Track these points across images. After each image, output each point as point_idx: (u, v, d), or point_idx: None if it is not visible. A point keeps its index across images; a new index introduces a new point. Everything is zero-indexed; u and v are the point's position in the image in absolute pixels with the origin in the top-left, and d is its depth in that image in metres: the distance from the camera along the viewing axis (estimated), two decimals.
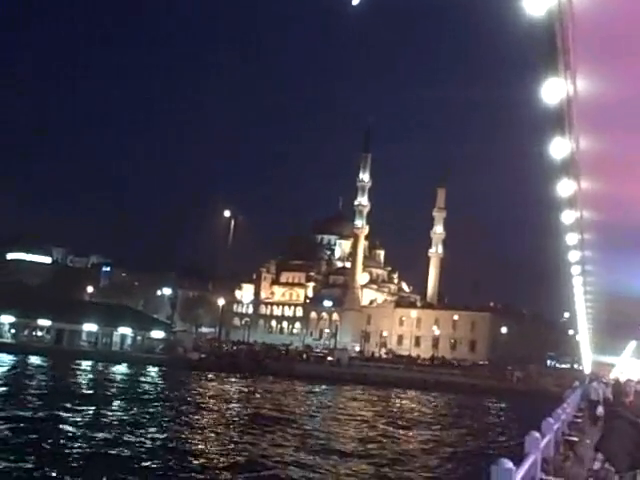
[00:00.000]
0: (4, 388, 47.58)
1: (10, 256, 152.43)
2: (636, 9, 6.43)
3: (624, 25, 6.64)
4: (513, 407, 66.01)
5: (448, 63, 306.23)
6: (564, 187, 10.93)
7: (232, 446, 31.04)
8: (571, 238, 14.93)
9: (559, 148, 9.25)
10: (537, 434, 9.92)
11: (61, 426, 32.74)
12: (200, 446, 30.69)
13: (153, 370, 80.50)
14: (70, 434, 30.83)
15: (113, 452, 27.33)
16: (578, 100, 8.01)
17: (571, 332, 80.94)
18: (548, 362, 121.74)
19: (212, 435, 34.19)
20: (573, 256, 17.32)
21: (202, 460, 27.19)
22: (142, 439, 31.16)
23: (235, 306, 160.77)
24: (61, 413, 37.04)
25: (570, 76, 7.47)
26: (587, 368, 77.52)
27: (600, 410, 23.29)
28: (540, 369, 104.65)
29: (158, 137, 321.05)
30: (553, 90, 7.68)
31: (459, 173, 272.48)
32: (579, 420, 22.75)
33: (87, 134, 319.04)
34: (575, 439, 16.24)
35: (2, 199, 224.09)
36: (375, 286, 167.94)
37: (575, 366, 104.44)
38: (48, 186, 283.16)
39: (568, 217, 12.89)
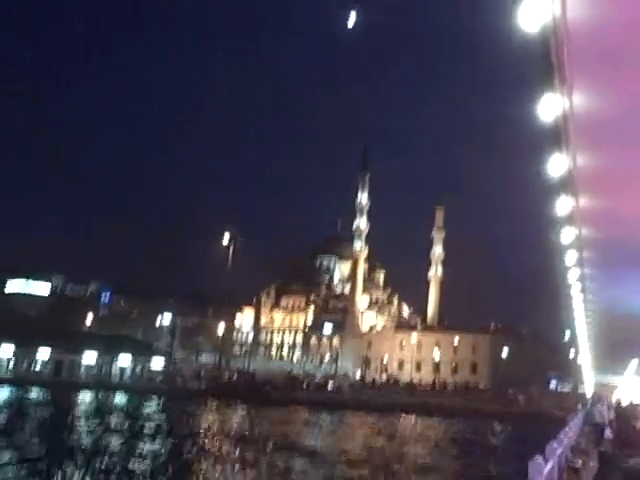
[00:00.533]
0: (3, 422, 47.22)
1: (8, 285, 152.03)
2: (630, 24, 6.43)
3: (619, 40, 6.64)
4: (516, 430, 65.53)
5: (446, 80, 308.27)
6: (562, 204, 10.90)
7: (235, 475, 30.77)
8: (570, 256, 14.88)
9: (557, 165, 9.24)
10: (540, 459, 9.78)
11: (62, 459, 32.47)
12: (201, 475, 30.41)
13: (153, 400, 79.96)
14: (70, 466, 30.55)
15: None
16: (574, 116, 8.00)
17: (572, 353, 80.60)
18: (550, 384, 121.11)
19: (213, 464, 33.87)
20: (573, 274, 17.26)
21: None
22: (143, 469, 30.87)
23: (235, 333, 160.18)
24: (61, 445, 36.76)
25: (566, 92, 7.46)
26: (589, 390, 77.14)
27: (607, 433, 23.03)
28: (542, 391, 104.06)
29: (157, 162, 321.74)
30: (549, 106, 7.68)
31: (458, 191, 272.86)
32: (583, 445, 22.53)
33: (85, 161, 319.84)
34: (579, 464, 16.05)
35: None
36: (375, 309, 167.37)
37: (577, 388, 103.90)
38: (46, 212, 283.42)
39: (567, 235, 12.85)
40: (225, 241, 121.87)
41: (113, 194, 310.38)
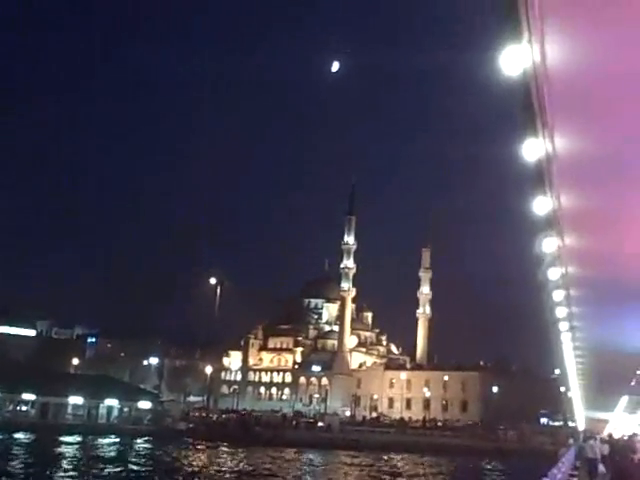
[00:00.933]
0: None
1: None
2: (606, 70, 6.57)
3: (598, 84, 6.78)
4: (508, 468, 65.12)
5: (430, 122, 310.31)
6: (548, 244, 11.01)
7: None
8: (557, 294, 14.97)
9: (541, 205, 9.35)
10: None
11: None
12: None
13: (141, 442, 79.04)
14: None
15: None
16: (557, 158, 8.12)
17: (563, 389, 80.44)
18: (541, 420, 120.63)
19: None
20: (560, 312, 17.34)
21: None
22: None
23: (223, 374, 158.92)
24: None
25: (548, 134, 7.59)
26: (581, 425, 76.88)
27: (601, 468, 22.97)
28: (533, 427, 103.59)
29: (142, 201, 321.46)
30: (532, 149, 7.80)
31: (444, 231, 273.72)
32: (575, 479, 22.45)
33: (71, 204, 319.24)
34: None
35: None
36: (364, 349, 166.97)
37: (568, 423, 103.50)
38: (30, 258, 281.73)
39: (553, 273, 12.94)
40: (212, 283, 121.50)
41: (99, 238, 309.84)
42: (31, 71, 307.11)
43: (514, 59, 6.40)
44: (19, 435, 77.71)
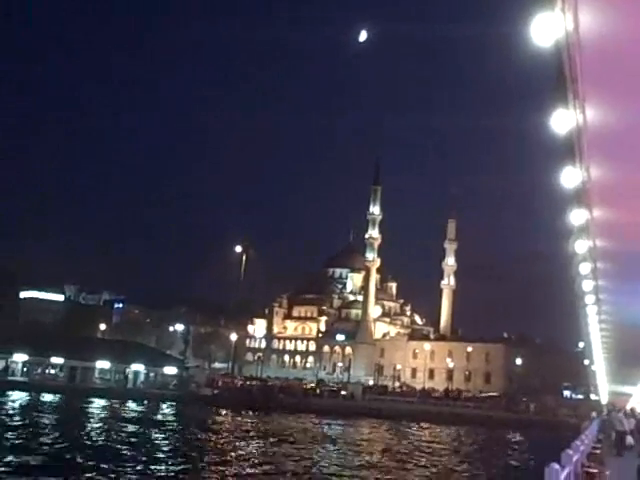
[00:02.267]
0: (20, 425, 47.41)
1: (23, 294, 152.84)
2: None
3: (631, 53, 6.65)
4: (530, 439, 65.18)
5: (459, 94, 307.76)
6: (576, 216, 10.89)
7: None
8: (584, 267, 14.84)
9: (570, 177, 9.24)
10: (557, 466, 9.74)
11: (76, 461, 32.62)
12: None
13: (166, 407, 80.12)
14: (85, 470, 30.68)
15: None
16: (588, 129, 8.00)
17: (586, 362, 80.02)
18: (564, 393, 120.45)
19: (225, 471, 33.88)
20: (586, 285, 17.20)
21: None
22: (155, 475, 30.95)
23: (248, 341, 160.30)
24: (76, 451, 36.94)
25: (579, 105, 7.47)
26: (604, 398, 76.62)
27: (630, 440, 22.94)
28: (556, 400, 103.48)
29: (172, 176, 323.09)
30: (562, 120, 7.69)
31: (471, 203, 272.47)
32: (598, 451, 22.39)
33: (98, 173, 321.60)
34: (595, 471, 15.95)
35: (15, 238, 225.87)
36: (388, 319, 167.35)
37: (591, 396, 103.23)
38: (60, 223, 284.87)
39: (581, 246, 12.83)
40: (238, 251, 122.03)
41: (126, 206, 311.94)
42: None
43: (546, 28, 6.29)
44: (48, 397, 79.06)
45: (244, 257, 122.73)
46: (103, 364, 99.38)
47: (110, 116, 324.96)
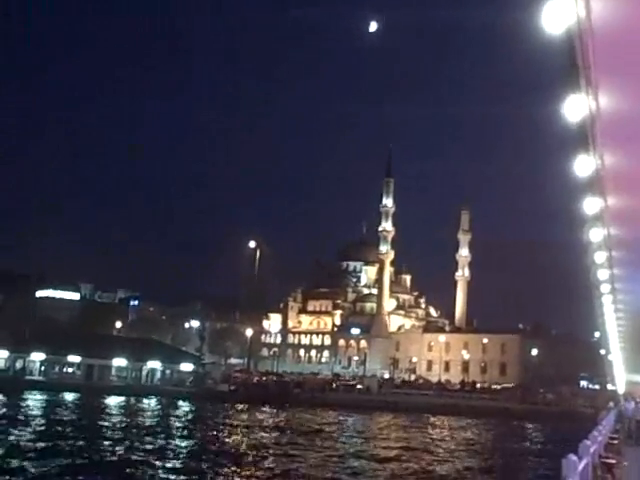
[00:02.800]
0: (41, 426, 47.74)
1: (39, 294, 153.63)
2: None
3: None
4: (547, 430, 65.04)
5: (471, 82, 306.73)
6: (590, 205, 10.82)
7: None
8: (599, 256, 14.75)
9: (584, 165, 9.17)
10: (574, 457, 9.70)
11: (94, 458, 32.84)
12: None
13: (183, 403, 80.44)
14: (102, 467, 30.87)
15: None
16: (601, 116, 7.93)
17: (603, 352, 79.72)
18: (580, 383, 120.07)
19: (244, 465, 33.98)
20: (602, 274, 17.10)
21: None
22: (172, 472, 31.07)
23: (263, 336, 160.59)
24: (95, 447, 37.20)
25: (592, 92, 7.41)
26: (621, 388, 76.27)
27: None
28: (573, 390, 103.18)
29: (185, 172, 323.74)
30: (575, 107, 7.62)
31: (484, 193, 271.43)
32: (615, 442, 22.28)
33: (112, 169, 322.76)
34: (612, 461, 15.89)
35: (30, 238, 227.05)
36: (402, 312, 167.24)
37: (608, 386, 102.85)
38: (74, 222, 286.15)
39: (595, 235, 12.74)
40: (252, 247, 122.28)
41: (141, 204, 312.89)
42: None
43: (558, 14, 6.24)
44: (66, 396, 79.48)
45: (258, 252, 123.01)
46: (120, 362, 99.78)
47: (127, 111, 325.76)
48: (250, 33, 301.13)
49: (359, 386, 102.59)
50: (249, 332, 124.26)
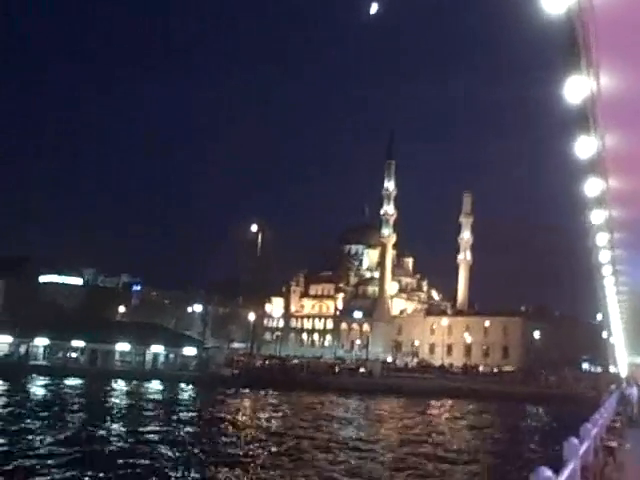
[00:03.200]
0: (46, 410, 47.97)
1: (42, 279, 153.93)
2: None
3: None
4: (549, 413, 65.24)
5: (472, 64, 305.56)
6: (592, 186, 10.78)
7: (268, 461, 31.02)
8: (601, 238, 14.72)
9: (585, 147, 9.12)
10: (576, 440, 9.68)
11: (99, 443, 32.99)
12: (234, 459, 30.67)
13: (186, 387, 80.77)
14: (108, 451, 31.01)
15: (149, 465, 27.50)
16: (602, 97, 7.88)
17: (605, 334, 79.76)
18: (583, 366, 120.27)
19: (245, 450, 34.12)
20: (603, 256, 17.08)
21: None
22: (178, 456, 31.22)
23: (266, 320, 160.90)
24: (99, 431, 37.43)
25: (593, 73, 7.36)
26: (623, 371, 76.38)
27: None
28: (575, 373, 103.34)
29: (186, 155, 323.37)
30: (576, 88, 7.58)
31: (486, 176, 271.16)
32: (617, 425, 22.28)
33: (113, 155, 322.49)
34: (614, 445, 15.89)
35: (33, 223, 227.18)
36: (405, 295, 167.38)
37: (610, 369, 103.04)
38: (77, 208, 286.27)
39: (597, 217, 12.71)
40: (253, 231, 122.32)
41: (143, 188, 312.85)
42: None
43: None
44: (70, 381, 79.79)
45: (260, 236, 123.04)
46: (123, 346, 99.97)
47: (126, 96, 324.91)
48: (252, 15, 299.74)
49: (362, 370, 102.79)
50: (252, 316, 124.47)
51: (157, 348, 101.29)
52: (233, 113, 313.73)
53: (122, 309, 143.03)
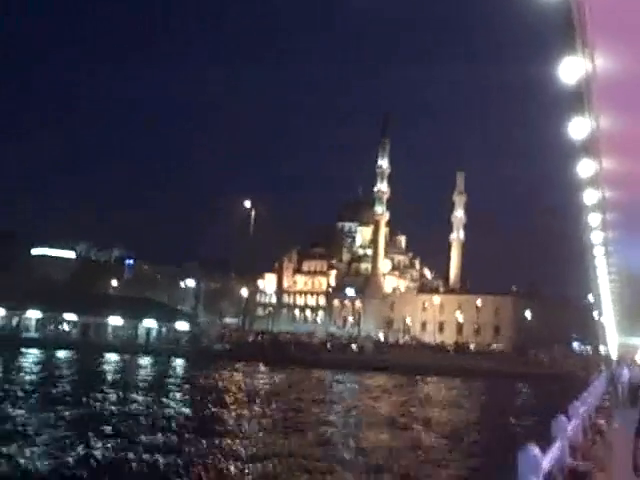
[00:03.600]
0: (38, 381, 48.12)
1: (34, 251, 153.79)
2: None
3: None
4: (539, 391, 65.69)
5: (465, 44, 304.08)
6: (585, 167, 10.78)
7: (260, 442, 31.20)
8: (593, 218, 14.75)
9: (579, 128, 9.11)
10: (564, 418, 9.75)
11: (90, 419, 33.10)
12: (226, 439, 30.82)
13: (178, 361, 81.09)
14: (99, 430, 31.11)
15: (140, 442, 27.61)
16: (597, 78, 7.85)
17: (596, 314, 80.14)
18: (573, 345, 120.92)
19: (239, 427, 34.28)
20: (596, 237, 17.12)
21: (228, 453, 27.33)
22: (169, 432, 31.35)
23: (258, 296, 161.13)
24: (90, 404, 37.57)
25: (588, 54, 7.33)
26: (613, 351, 76.86)
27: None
28: (565, 352, 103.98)
29: (177, 127, 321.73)
30: (571, 69, 7.55)
31: (479, 156, 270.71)
32: (606, 405, 22.45)
33: (107, 128, 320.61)
34: (603, 424, 16.01)
35: (26, 196, 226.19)
36: (397, 273, 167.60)
37: (601, 349, 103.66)
38: (69, 181, 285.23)
39: (590, 197, 12.72)
40: (247, 207, 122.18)
41: (137, 162, 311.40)
42: None
43: None
44: (62, 353, 80.00)
45: (253, 212, 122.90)
46: (116, 320, 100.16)
47: (115, 74, 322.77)
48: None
49: (353, 346, 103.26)
50: (244, 292, 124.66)
51: (149, 322, 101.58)
52: (227, 89, 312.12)
53: (114, 283, 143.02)
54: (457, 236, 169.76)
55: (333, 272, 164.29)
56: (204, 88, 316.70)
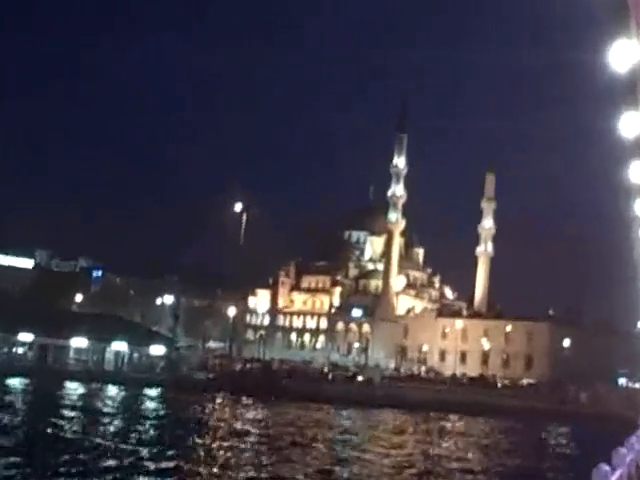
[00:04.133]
0: None
1: None
2: None
3: None
4: (577, 434, 65.58)
5: (496, 27, 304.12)
6: (637, 170, 10.78)
7: None
8: None
9: (631, 124, 9.09)
10: (607, 467, 9.73)
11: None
12: None
13: (153, 392, 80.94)
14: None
15: None
16: None
17: None
18: (619, 381, 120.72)
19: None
20: None
21: None
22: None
23: (248, 317, 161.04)
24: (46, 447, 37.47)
25: None
26: None
27: None
28: (609, 388, 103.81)
29: (157, 113, 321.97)
30: (623, 55, 7.53)
31: (512, 155, 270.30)
32: None
33: (78, 128, 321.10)
34: None
35: None
36: (413, 292, 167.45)
37: None
38: (29, 182, 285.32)
39: None
40: (237, 211, 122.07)
41: (109, 159, 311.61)
42: None
43: None
44: (14, 381, 79.77)
45: (245, 218, 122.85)
46: (79, 342, 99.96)
47: (97, 72, 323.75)
48: None
49: (360, 378, 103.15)
50: (232, 311, 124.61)
51: (119, 345, 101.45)
52: (224, 80, 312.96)
53: (79, 298, 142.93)
54: (485, 249, 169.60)
55: (337, 289, 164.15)
56: (196, 76, 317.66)
